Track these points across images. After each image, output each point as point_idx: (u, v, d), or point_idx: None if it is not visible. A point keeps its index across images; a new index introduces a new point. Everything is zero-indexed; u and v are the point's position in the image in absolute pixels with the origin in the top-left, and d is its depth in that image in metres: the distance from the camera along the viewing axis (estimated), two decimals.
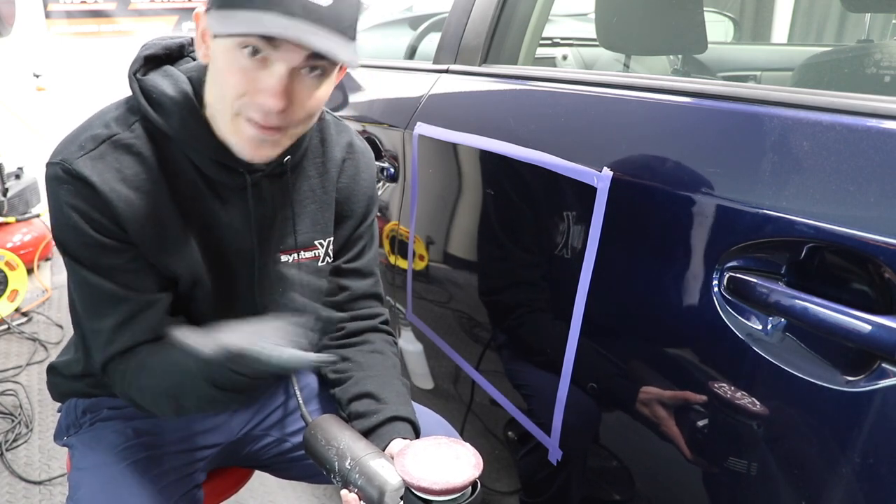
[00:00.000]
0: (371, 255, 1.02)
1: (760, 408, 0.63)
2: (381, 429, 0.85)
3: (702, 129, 0.72)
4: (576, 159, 0.83)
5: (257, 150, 0.77)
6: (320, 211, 0.94)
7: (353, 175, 0.97)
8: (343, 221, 0.98)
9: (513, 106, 1.03)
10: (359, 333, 0.98)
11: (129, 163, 0.79)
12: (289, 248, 0.92)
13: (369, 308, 1.01)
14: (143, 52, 0.82)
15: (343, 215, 0.97)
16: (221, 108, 0.76)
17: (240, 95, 0.73)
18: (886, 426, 0.53)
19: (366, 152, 1.00)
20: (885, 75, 0.93)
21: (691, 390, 0.70)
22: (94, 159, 0.77)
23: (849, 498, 0.56)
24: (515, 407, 1.01)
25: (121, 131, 0.79)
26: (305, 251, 0.93)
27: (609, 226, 0.78)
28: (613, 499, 0.90)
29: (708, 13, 2.13)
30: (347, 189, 0.97)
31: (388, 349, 0.99)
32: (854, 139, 0.57)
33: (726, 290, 0.65)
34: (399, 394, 0.90)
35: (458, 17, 1.23)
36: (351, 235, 0.99)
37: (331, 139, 0.95)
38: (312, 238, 0.94)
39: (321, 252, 0.95)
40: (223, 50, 0.72)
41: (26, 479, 1.74)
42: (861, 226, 0.54)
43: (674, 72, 1.70)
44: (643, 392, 0.76)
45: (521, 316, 1.01)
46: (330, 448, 0.80)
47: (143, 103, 0.79)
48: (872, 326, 0.53)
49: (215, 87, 0.76)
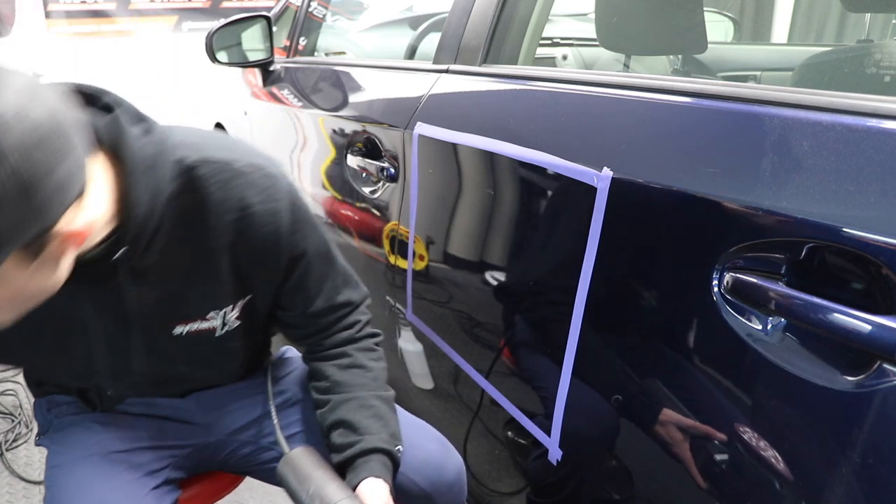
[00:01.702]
0: (324, 296, 0.92)
1: (760, 408, 0.63)
2: (356, 462, 0.85)
3: (702, 129, 0.72)
4: (576, 159, 0.82)
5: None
6: (206, 286, 0.83)
7: (250, 236, 0.80)
8: (260, 283, 0.87)
9: (513, 106, 1.03)
10: (336, 346, 0.95)
11: None
12: (181, 320, 0.84)
13: (344, 321, 0.96)
14: None
15: (257, 277, 0.86)
16: None
17: None
18: (886, 426, 0.53)
19: (269, 199, 0.80)
20: (885, 75, 0.93)
21: (691, 390, 0.70)
22: None
23: (849, 498, 0.56)
24: (515, 407, 1.01)
25: None
26: (199, 322, 0.85)
27: (609, 226, 0.78)
28: (613, 499, 0.90)
29: (708, 13, 2.13)
30: (250, 253, 0.82)
31: (367, 360, 0.95)
32: (854, 139, 0.57)
33: (726, 290, 0.65)
34: (378, 417, 0.88)
35: (458, 17, 1.23)
36: (282, 292, 0.89)
37: (211, 202, 0.77)
38: (204, 310, 0.85)
39: (217, 322, 0.87)
40: None
41: (26, 479, 1.74)
42: (861, 226, 0.54)
43: (674, 72, 1.70)
44: (643, 392, 0.76)
45: (521, 316, 1.01)
46: (301, 490, 0.82)
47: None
48: (872, 326, 0.53)
49: None
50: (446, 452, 0.97)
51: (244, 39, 2.11)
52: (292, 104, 1.95)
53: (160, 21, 4.44)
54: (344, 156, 1.50)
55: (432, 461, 0.94)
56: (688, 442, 0.72)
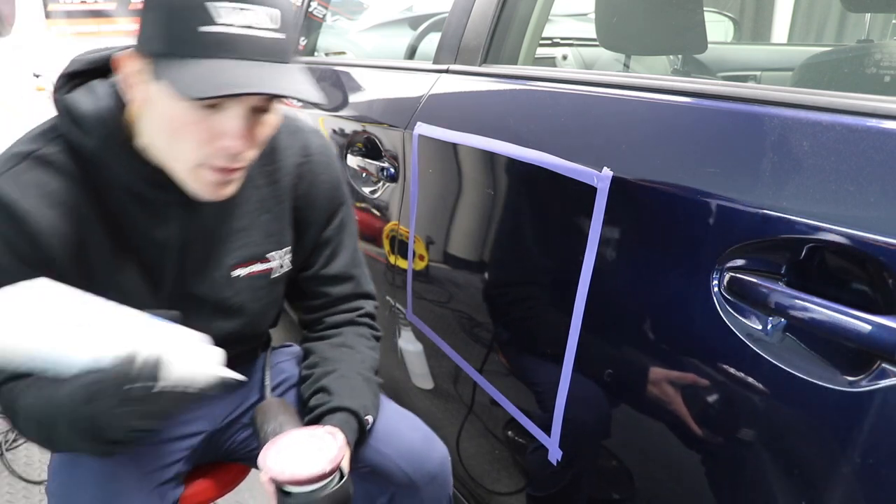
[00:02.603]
0: (345, 259, 0.99)
1: (760, 408, 0.63)
2: (323, 419, 0.87)
3: (702, 129, 0.72)
4: (576, 159, 0.82)
5: (219, 191, 0.75)
6: (273, 221, 0.90)
7: (310, 181, 0.93)
8: (306, 229, 0.95)
9: (513, 106, 1.03)
10: (335, 327, 0.99)
11: (51, 179, 0.74)
12: (239, 262, 0.89)
13: (348, 303, 1.01)
14: (67, 69, 0.78)
15: (306, 222, 0.94)
16: (176, 159, 0.73)
17: (200, 146, 0.70)
18: (886, 426, 0.53)
19: (324, 152, 0.95)
20: (885, 75, 0.93)
21: (691, 390, 0.70)
22: (14, 176, 0.73)
23: (849, 498, 0.56)
24: (515, 407, 1.01)
25: (43, 146, 0.75)
26: (258, 264, 0.90)
27: (609, 226, 0.78)
28: (613, 498, 0.90)
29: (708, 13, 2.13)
30: (307, 196, 0.93)
31: (359, 342, 0.98)
32: (854, 139, 0.57)
33: (726, 290, 0.65)
34: (353, 388, 0.90)
35: (458, 17, 1.23)
36: (317, 242, 0.97)
37: (282, 145, 0.90)
38: (264, 251, 0.90)
39: (275, 264, 0.92)
40: (169, 99, 0.68)
41: (26, 479, 1.74)
42: (861, 226, 0.54)
43: (674, 72, 1.70)
44: (643, 392, 0.76)
45: (522, 316, 1.01)
46: (265, 427, 0.86)
47: (65, 123, 0.75)
48: (872, 326, 0.53)
49: (162, 135, 0.72)
50: (431, 443, 0.98)
51: None
52: (292, 104, 1.95)
53: None
54: (344, 156, 1.50)
55: (416, 449, 0.95)
56: (687, 441, 0.72)
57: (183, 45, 0.65)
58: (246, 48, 0.65)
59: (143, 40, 0.68)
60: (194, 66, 0.64)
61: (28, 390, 0.71)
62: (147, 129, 0.74)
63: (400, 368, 1.38)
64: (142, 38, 0.69)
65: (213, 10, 0.63)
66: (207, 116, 0.69)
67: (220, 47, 0.64)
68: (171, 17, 0.65)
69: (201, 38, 0.64)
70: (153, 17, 0.67)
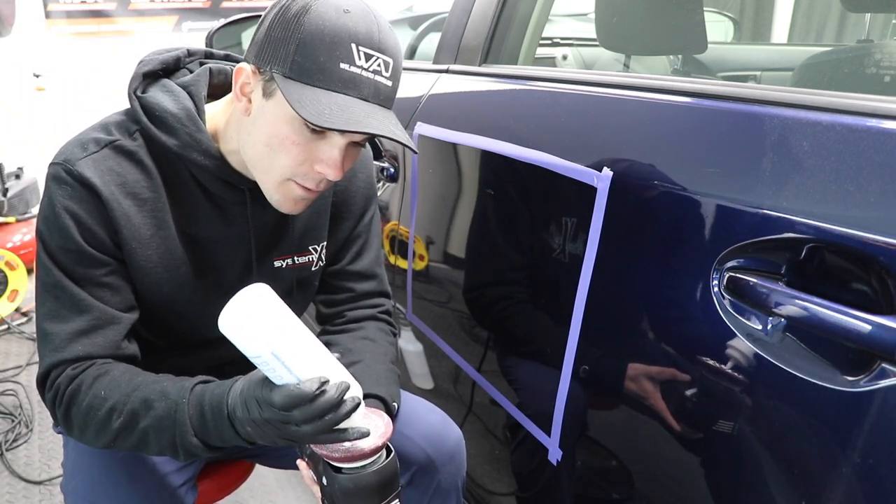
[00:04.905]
0: (371, 256, 1.03)
1: (761, 408, 0.63)
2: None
3: (702, 129, 0.72)
4: (576, 159, 0.82)
5: (296, 206, 0.80)
6: (315, 216, 0.95)
7: (349, 177, 0.97)
8: (340, 223, 0.99)
9: (513, 106, 1.03)
10: (356, 321, 1.01)
11: (130, 169, 0.79)
12: (283, 254, 0.93)
13: (370, 300, 1.03)
14: (141, 68, 0.82)
15: (340, 217, 0.98)
16: (267, 171, 0.77)
17: (297, 165, 0.75)
18: (886, 426, 0.53)
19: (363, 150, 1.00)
20: (885, 75, 0.93)
21: (691, 391, 0.70)
22: (96, 161, 0.77)
23: (849, 498, 0.56)
24: (515, 407, 1.01)
25: (122, 138, 0.79)
26: (299, 256, 0.94)
27: (609, 226, 0.78)
28: (613, 498, 0.90)
29: (708, 13, 2.13)
30: (345, 191, 0.98)
31: (381, 337, 1.00)
32: (854, 139, 0.57)
33: (726, 290, 0.65)
34: (379, 376, 0.91)
35: (458, 17, 1.23)
36: (349, 236, 1.00)
37: None
38: (306, 244, 0.95)
39: (314, 257, 0.96)
40: (281, 117, 0.72)
41: (26, 479, 1.74)
42: (861, 226, 0.54)
43: (674, 72, 1.70)
44: (643, 392, 0.76)
45: (522, 316, 1.01)
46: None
47: (145, 120, 0.79)
48: (872, 326, 0.53)
49: (260, 146, 0.75)
50: (448, 424, 1.00)
51: (244, 40, 2.11)
52: None
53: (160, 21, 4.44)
54: None
55: (434, 429, 0.97)
56: (687, 441, 0.72)
57: (319, 75, 0.70)
58: (367, 90, 0.71)
59: (269, 58, 0.72)
60: (324, 96, 0.69)
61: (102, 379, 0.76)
62: (244, 137, 0.77)
63: (400, 368, 1.38)
64: (267, 55, 0.72)
65: (356, 52, 0.70)
66: (312, 140, 0.73)
67: (347, 85, 0.70)
68: (317, 48, 0.69)
69: (340, 75, 0.70)
70: (294, 41, 0.70)
